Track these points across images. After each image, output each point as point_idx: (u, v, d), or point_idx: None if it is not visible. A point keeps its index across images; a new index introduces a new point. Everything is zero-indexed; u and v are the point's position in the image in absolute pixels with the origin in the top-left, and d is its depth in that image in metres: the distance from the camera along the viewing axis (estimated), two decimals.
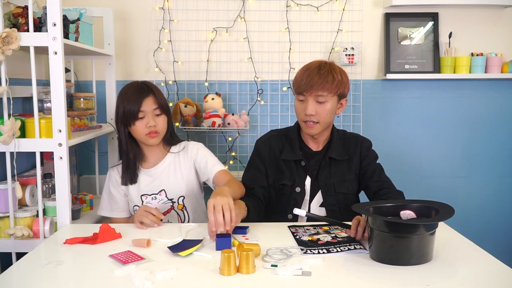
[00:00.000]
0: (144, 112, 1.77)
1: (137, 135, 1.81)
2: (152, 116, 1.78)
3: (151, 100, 1.79)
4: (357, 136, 1.92)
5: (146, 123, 1.77)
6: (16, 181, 1.72)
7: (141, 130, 1.78)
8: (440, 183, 2.73)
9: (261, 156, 1.88)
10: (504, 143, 2.74)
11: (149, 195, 1.86)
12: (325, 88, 1.72)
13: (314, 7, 2.58)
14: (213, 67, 2.61)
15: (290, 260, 1.32)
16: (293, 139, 1.87)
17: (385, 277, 1.21)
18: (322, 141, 1.87)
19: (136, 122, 1.77)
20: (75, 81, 2.51)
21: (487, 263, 1.32)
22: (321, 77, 1.71)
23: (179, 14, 2.57)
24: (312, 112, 1.73)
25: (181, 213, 1.88)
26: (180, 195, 1.87)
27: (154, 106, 1.79)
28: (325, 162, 1.83)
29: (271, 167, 1.87)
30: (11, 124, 1.65)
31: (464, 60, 2.59)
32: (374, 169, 1.86)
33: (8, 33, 1.61)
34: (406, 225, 1.29)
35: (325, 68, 1.74)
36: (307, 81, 1.72)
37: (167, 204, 1.87)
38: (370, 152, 1.89)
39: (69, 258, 1.37)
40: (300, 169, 1.83)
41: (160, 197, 1.86)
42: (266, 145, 1.89)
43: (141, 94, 1.78)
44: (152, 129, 1.78)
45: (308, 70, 1.75)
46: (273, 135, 1.93)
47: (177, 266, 1.27)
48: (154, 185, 1.86)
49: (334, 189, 1.82)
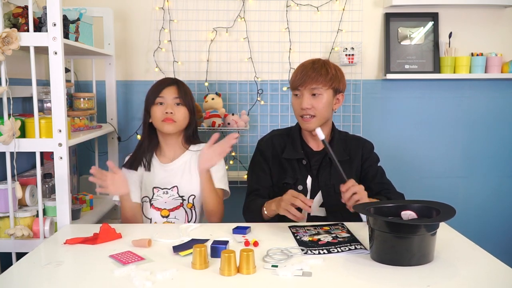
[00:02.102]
0: (163, 98, 1.84)
1: (154, 120, 1.86)
2: (171, 104, 1.84)
3: (173, 89, 1.86)
4: (359, 138, 1.93)
5: (164, 109, 1.83)
6: (16, 181, 1.72)
7: (158, 115, 1.84)
8: (440, 183, 2.73)
9: (265, 155, 1.89)
10: (504, 143, 2.74)
11: (161, 188, 1.88)
12: (319, 81, 1.75)
13: (314, 7, 2.58)
14: (213, 67, 2.61)
15: (291, 260, 1.32)
16: (295, 138, 1.87)
17: (385, 278, 1.21)
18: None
19: (154, 107, 1.85)
20: (75, 81, 2.51)
21: (488, 263, 1.32)
22: (314, 70, 1.76)
23: (179, 14, 2.57)
24: (308, 105, 1.75)
25: (189, 211, 1.88)
26: (191, 194, 1.88)
27: (174, 95, 1.85)
28: (325, 162, 1.83)
29: (274, 166, 1.87)
30: (11, 124, 1.65)
31: (464, 60, 2.59)
32: (376, 172, 1.86)
33: (8, 33, 1.61)
34: (407, 225, 1.29)
35: (318, 63, 1.79)
36: (301, 75, 1.77)
37: (177, 201, 1.87)
38: (372, 154, 1.90)
39: (69, 258, 1.37)
40: (301, 167, 1.84)
41: (171, 192, 1.87)
42: (268, 145, 1.90)
43: (164, 82, 1.88)
44: (169, 116, 1.82)
45: (303, 66, 1.81)
46: (275, 134, 1.94)
47: (177, 267, 1.27)
48: (167, 180, 1.88)
49: (334, 190, 1.82)
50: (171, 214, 1.86)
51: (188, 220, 1.88)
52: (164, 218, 1.86)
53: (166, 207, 1.86)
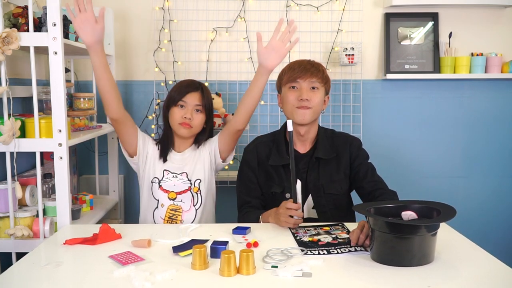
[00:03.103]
0: (185, 102, 1.87)
1: (172, 120, 1.89)
2: (192, 110, 1.88)
3: (197, 95, 1.89)
4: (346, 135, 1.92)
5: (184, 113, 1.86)
6: (16, 181, 1.72)
7: (177, 117, 1.87)
8: (440, 183, 2.73)
9: (250, 165, 1.88)
10: (504, 143, 2.73)
11: (171, 172, 1.91)
12: (318, 76, 1.80)
13: (314, 7, 2.58)
14: (213, 67, 2.60)
15: (291, 261, 1.32)
16: (280, 143, 1.87)
17: (386, 279, 1.21)
18: (309, 141, 1.87)
19: (175, 108, 1.88)
20: (75, 81, 2.51)
21: (488, 264, 1.32)
22: (313, 66, 1.82)
23: (179, 14, 2.56)
24: (308, 97, 1.77)
25: (195, 195, 1.91)
26: (197, 178, 1.92)
27: (197, 102, 1.88)
28: (312, 163, 1.82)
29: (261, 176, 1.87)
30: (11, 124, 1.65)
31: (464, 60, 2.58)
32: (367, 169, 1.85)
33: (8, 33, 1.61)
34: (407, 226, 1.29)
35: (314, 62, 1.85)
36: (301, 68, 1.81)
37: (186, 184, 1.91)
38: (360, 151, 1.88)
39: (69, 259, 1.37)
40: (289, 173, 1.83)
41: (180, 176, 1.91)
42: (253, 154, 1.89)
43: (190, 86, 1.90)
44: (187, 121, 1.86)
45: (298, 62, 1.86)
46: (259, 141, 1.93)
47: (177, 267, 1.27)
48: (178, 166, 1.92)
49: (323, 190, 1.81)
50: (178, 197, 1.90)
51: (193, 205, 1.91)
52: (171, 201, 1.90)
53: (174, 190, 1.90)
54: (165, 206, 1.90)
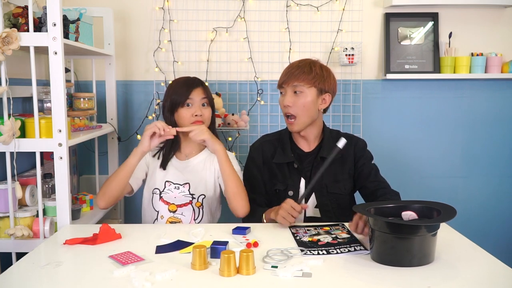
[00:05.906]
0: (192, 100, 1.86)
1: (183, 122, 1.86)
2: (199, 106, 1.86)
3: (200, 90, 1.88)
4: (351, 136, 1.92)
5: (193, 111, 1.85)
6: (16, 181, 1.72)
7: (187, 117, 1.85)
8: (440, 183, 2.73)
9: (255, 163, 1.89)
10: (504, 143, 2.73)
11: (173, 183, 1.88)
12: (301, 78, 1.76)
13: (314, 7, 2.58)
14: (213, 67, 2.60)
15: (291, 261, 1.32)
16: (285, 142, 1.87)
17: (386, 279, 1.21)
18: (313, 141, 1.87)
19: (182, 109, 1.85)
20: (75, 81, 2.51)
21: (488, 264, 1.32)
22: (298, 68, 1.79)
23: (179, 14, 2.57)
24: (289, 102, 1.77)
25: (197, 210, 1.89)
26: (201, 193, 1.89)
27: (202, 96, 1.88)
28: (317, 162, 1.83)
29: (265, 173, 1.87)
30: (11, 124, 1.65)
31: (464, 60, 2.58)
32: (370, 170, 1.85)
33: (8, 33, 1.61)
34: (407, 226, 1.29)
35: (305, 62, 1.82)
36: (286, 72, 1.81)
37: (187, 198, 1.87)
38: (365, 152, 1.89)
39: (69, 259, 1.36)
40: (293, 171, 1.83)
41: (183, 188, 1.88)
42: (259, 151, 1.90)
43: (192, 84, 1.89)
44: (199, 118, 1.85)
45: (289, 65, 1.85)
46: (265, 140, 1.94)
47: (176, 267, 1.27)
48: (180, 176, 1.89)
49: (326, 190, 1.82)
50: (178, 210, 1.87)
51: (194, 219, 1.88)
52: (171, 213, 1.87)
53: (175, 202, 1.87)
54: (165, 218, 1.87)
